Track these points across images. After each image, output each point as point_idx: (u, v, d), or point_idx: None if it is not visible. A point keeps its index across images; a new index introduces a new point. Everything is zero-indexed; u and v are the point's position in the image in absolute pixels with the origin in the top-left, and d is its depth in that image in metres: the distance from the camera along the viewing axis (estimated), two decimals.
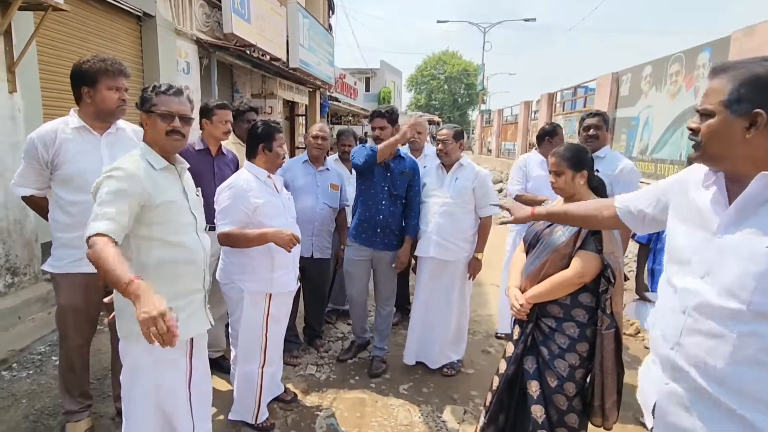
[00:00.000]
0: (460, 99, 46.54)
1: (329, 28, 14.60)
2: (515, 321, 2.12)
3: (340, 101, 17.62)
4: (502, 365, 2.12)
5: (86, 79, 2.09)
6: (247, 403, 2.44)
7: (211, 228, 2.22)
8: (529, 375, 1.99)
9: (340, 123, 20.12)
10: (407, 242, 3.07)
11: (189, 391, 1.82)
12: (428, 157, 3.73)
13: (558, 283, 1.91)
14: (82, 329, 2.24)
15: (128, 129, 2.29)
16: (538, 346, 1.99)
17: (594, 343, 1.90)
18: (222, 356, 3.03)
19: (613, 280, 1.84)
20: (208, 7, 7.01)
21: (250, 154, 2.42)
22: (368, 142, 3.59)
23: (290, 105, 11.89)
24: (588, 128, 3.12)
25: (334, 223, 3.34)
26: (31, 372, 2.95)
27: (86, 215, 1.97)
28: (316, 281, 3.37)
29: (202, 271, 1.81)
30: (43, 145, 2.06)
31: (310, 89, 12.86)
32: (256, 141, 2.38)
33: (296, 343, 3.38)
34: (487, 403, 2.15)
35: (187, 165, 1.85)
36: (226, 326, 2.95)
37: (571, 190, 2.00)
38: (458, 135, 3.02)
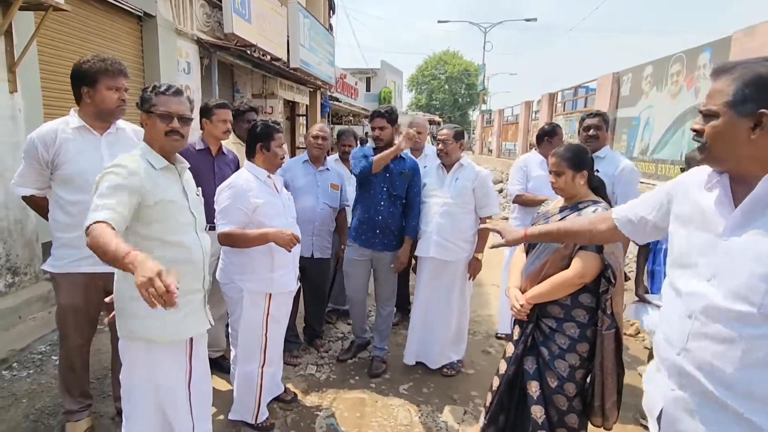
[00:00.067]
0: (460, 99, 46.55)
1: (330, 28, 14.60)
2: (515, 321, 2.12)
3: (340, 101, 17.62)
4: (502, 366, 2.12)
5: (86, 79, 2.09)
6: (247, 402, 2.44)
7: (211, 228, 2.23)
8: (530, 375, 1.99)
9: (341, 123, 20.12)
10: (407, 243, 3.06)
11: (189, 391, 1.82)
12: (428, 157, 3.74)
13: (558, 283, 1.91)
14: (82, 329, 2.24)
15: (128, 129, 2.29)
16: (539, 346, 1.99)
17: (594, 343, 1.91)
18: (222, 356, 3.04)
19: (613, 281, 1.84)
20: (208, 7, 7.01)
21: (249, 153, 2.44)
22: (368, 142, 3.59)
23: (291, 105, 11.89)
24: (588, 128, 3.13)
25: (334, 223, 3.34)
26: (31, 371, 2.95)
27: (86, 215, 1.99)
28: (317, 281, 3.37)
29: (201, 271, 1.81)
30: (43, 145, 2.07)
31: (311, 89, 12.87)
32: (255, 141, 2.39)
33: (296, 343, 3.39)
34: (488, 404, 2.15)
35: (188, 165, 1.85)
36: (226, 326, 2.95)
37: (571, 190, 2.01)
38: (458, 135, 3.02)
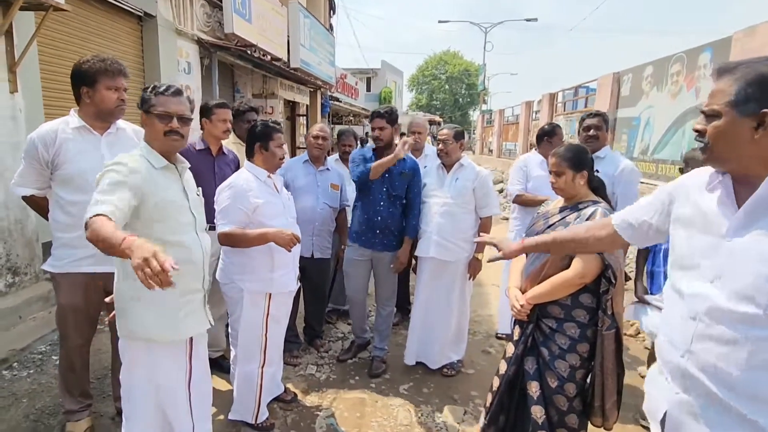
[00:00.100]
0: (461, 99, 46.55)
1: (330, 28, 14.61)
2: (515, 321, 2.12)
3: (341, 101, 17.62)
4: (503, 366, 2.12)
5: (85, 79, 2.10)
6: (247, 402, 2.44)
7: (211, 228, 2.23)
8: (530, 376, 1.99)
9: (341, 123, 20.13)
10: (406, 243, 3.06)
11: (189, 391, 1.82)
12: (429, 157, 3.74)
13: (559, 283, 1.91)
14: (82, 329, 2.25)
15: (128, 129, 2.29)
16: (539, 346, 1.99)
17: (594, 343, 1.90)
18: (222, 356, 3.04)
19: (614, 281, 1.83)
20: (209, 7, 7.01)
21: (249, 153, 2.44)
22: (368, 142, 3.59)
23: (291, 105, 11.89)
24: (588, 128, 3.13)
25: (334, 223, 3.34)
26: (31, 371, 2.95)
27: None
28: (317, 281, 3.37)
29: (201, 271, 1.81)
30: (43, 145, 2.07)
31: (311, 89, 12.87)
32: (254, 140, 2.40)
33: (296, 343, 3.38)
34: (488, 404, 2.15)
35: (188, 164, 1.85)
36: (226, 326, 2.95)
37: (571, 191, 2.01)
38: (459, 135, 3.02)
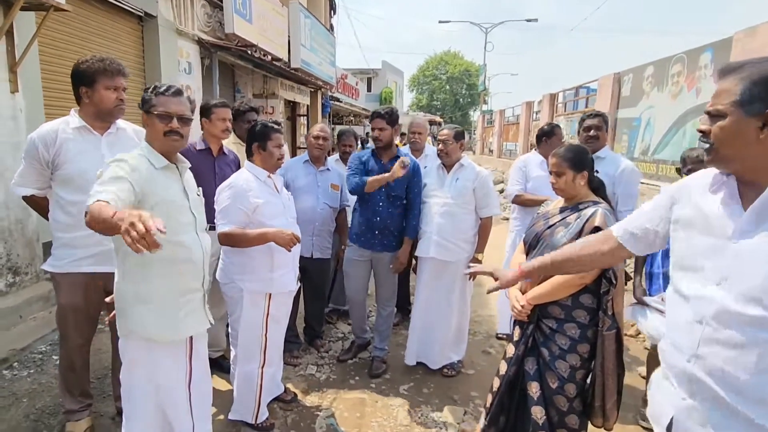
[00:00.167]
0: (461, 99, 46.54)
1: (331, 28, 14.61)
2: (516, 322, 2.12)
3: (341, 101, 17.63)
4: (503, 366, 2.11)
5: (84, 79, 2.10)
6: (247, 402, 2.44)
7: (211, 228, 2.23)
8: (530, 376, 1.99)
9: (342, 123, 20.13)
10: (406, 243, 3.05)
11: (189, 391, 1.82)
12: (429, 158, 3.74)
13: (559, 284, 1.90)
14: (82, 329, 2.25)
15: (129, 129, 2.30)
16: (539, 347, 1.99)
17: (595, 344, 1.90)
18: (222, 356, 3.04)
19: (614, 281, 1.83)
20: (209, 8, 7.02)
21: (248, 153, 2.45)
22: (369, 143, 3.59)
23: (292, 105, 11.90)
24: (588, 129, 3.13)
25: (334, 223, 3.34)
26: (32, 371, 2.96)
27: None
28: (317, 281, 3.37)
29: (201, 271, 1.81)
30: (43, 145, 2.07)
31: (312, 89, 12.87)
32: (252, 140, 2.42)
33: (296, 343, 3.39)
34: (488, 405, 2.14)
35: (188, 164, 1.85)
36: (226, 326, 2.95)
37: (571, 191, 2.01)
38: (459, 135, 3.02)
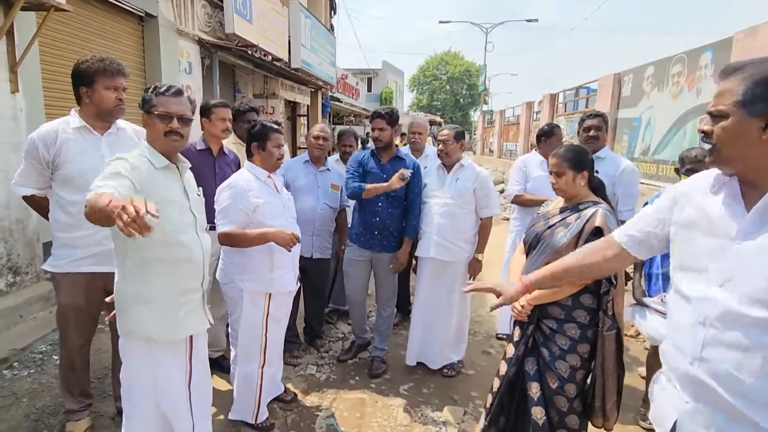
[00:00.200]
0: (462, 99, 46.54)
1: (331, 28, 14.61)
2: (516, 322, 2.12)
3: (342, 101, 17.63)
4: (503, 367, 2.11)
5: (84, 79, 2.11)
6: (247, 402, 2.44)
7: (211, 228, 2.23)
8: (530, 377, 1.98)
9: (342, 123, 20.13)
10: (406, 243, 3.05)
11: (189, 391, 1.82)
12: (429, 158, 3.74)
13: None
14: (82, 329, 2.25)
15: (129, 129, 2.30)
16: (539, 347, 1.99)
17: (595, 344, 1.90)
18: (222, 356, 3.04)
19: (614, 281, 1.83)
20: (210, 8, 7.02)
21: (248, 153, 2.45)
22: (369, 143, 3.59)
23: (292, 105, 11.90)
24: (588, 129, 3.13)
25: (334, 224, 3.34)
26: (32, 371, 2.96)
27: None
28: (317, 281, 3.37)
29: (201, 270, 1.81)
30: (44, 145, 2.07)
31: (312, 89, 12.88)
32: (251, 140, 2.42)
33: (297, 343, 3.39)
34: (488, 405, 2.14)
35: (189, 164, 1.85)
36: (226, 326, 2.95)
37: (572, 191, 2.01)
38: (459, 135, 3.02)
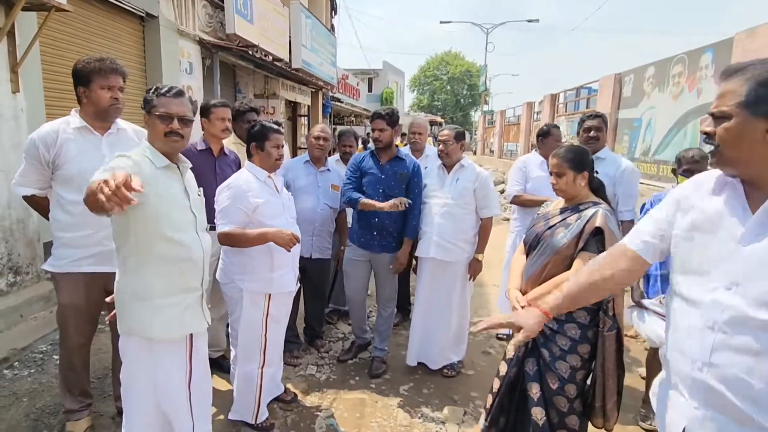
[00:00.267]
0: (462, 100, 46.56)
1: (332, 28, 14.62)
2: None
3: (342, 102, 17.63)
4: (503, 367, 2.11)
5: (81, 79, 2.12)
6: (247, 403, 2.45)
7: (212, 228, 2.23)
8: (530, 377, 1.99)
9: (343, 123, 20.13)
10: (406, 244, 3.05)
11: (189, 391, 1.82)
12: (429, 158, 3.74)
13: (560, 284, 1.90)
14: (82, 328, 2.25)
15: (129, 129, 2.30)
16: (539, 347, 1.99)
17: (595, 344, 1.90)
18: (222, 356, 3.04)
19: None
20: (210, 8, 7.02)
21: (248, 153, 2.46)
22: (370, 143, 3.59)
23: (293, 105, 11.90)
24: (588, 130, 3.14)
25: (334, 224, 3.35)
26: (32, 371, 2.96)
27: (87, 215, 1.99)
28: (316, 282, 3.37)
29: (200, 270, 1.81)
30: (44, 145, 2.08)
31: (313, 90, 12.88)
32: (250, 140, 2.43)
33: (297, 343, 3.39)
34: (488, 406, 2.14)
35: (189, 164, 1.86)
36: (226, 326, 2.95)
37: (572, 192, 2.01)
38: (459, 136, 3.02)
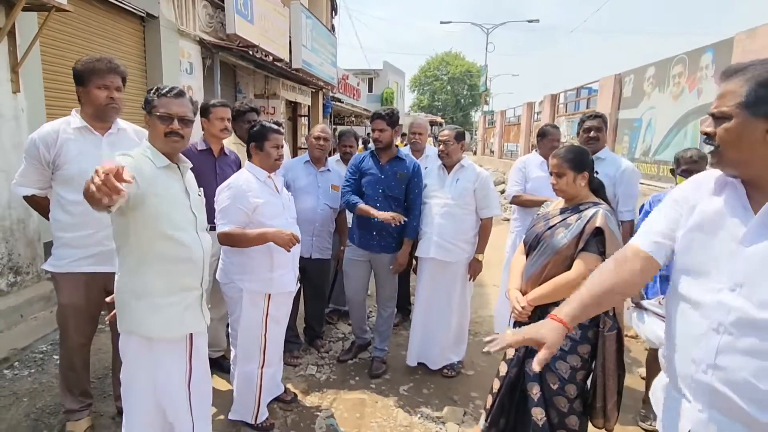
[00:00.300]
0: (463, 100, 46.59)
1: (332, 28, 14.62)
2: (515, 323, 2.12)
3: (342, 102, 17.63)
4: (503, 367, 2.12)
5: (79, 79, 2.13)
6: (247, 403, 2.45)
7: (212, 228, 2.23)
8: (530, 378, 1.99)
9: (343, 123, 20.13)
10: (406, 244, 3.05)
11: (189, 391, 1.82)
12: (429, 158, 3.74)
13: (561, 285, 1.91)
14: (82, 328, 2.25)
15: (129, 129, 2.30)
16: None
17: (595, 344, 1.90)
18: (222, 356, 3.04)
19: None
20: (211, 8, 7.03)
21: (248, 153, 2.46)
22: (370, 143, 3.59)
23: (293, 105, 11.90)
24: (588, 130, 3.14)
25: (334, 224, 3.35)
26: (32, 371, 2.96)
27: (87, 215, 2.00)
28: (316, 282, 3.37)
29: (200, 270, 1.81)
30: (44, 145, 2.08)
31: (313, 90, 12.88)
32: (250, 140, 2.43)
33: (297, 343, 3.39)
34: (488, 406, 2.14)
35: (190, 164, 1.86)
36: (226, 326, 2.95)
37: (572, 192, 2.01)
38: (459, 136, 3.02)
